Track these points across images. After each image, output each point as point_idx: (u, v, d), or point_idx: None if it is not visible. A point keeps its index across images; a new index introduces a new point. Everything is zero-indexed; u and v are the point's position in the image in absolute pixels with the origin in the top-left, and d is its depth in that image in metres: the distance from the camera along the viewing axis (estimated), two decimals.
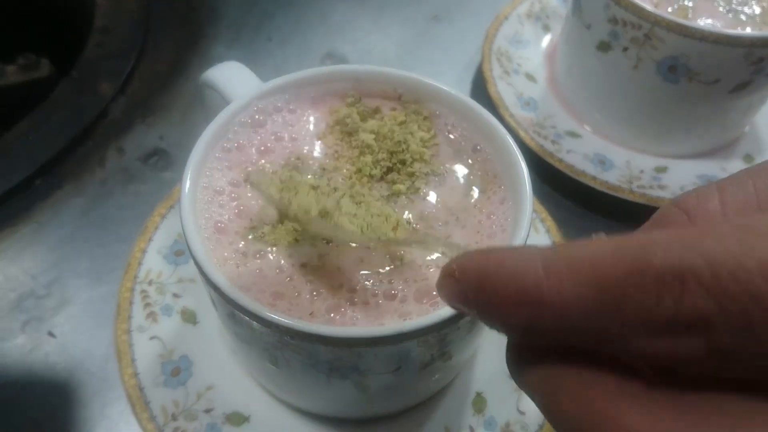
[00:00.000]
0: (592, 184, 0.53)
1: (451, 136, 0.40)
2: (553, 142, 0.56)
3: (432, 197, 0.37)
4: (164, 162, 0.57)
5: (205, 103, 0.46)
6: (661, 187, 0.53)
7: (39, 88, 0.70)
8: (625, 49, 0.51)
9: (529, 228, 0.34)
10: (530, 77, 0.63)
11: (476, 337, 0.38)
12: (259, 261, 0.34)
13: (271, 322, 0.30)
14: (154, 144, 0.58)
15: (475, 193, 0.38)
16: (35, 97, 0.61)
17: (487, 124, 0.39)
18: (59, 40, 0.74)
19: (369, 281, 0.34)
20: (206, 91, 0.44)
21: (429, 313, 0.33)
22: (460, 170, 0.39)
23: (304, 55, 0.67)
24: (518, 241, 0.34)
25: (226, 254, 0.34)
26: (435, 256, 0.35)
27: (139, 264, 0.45)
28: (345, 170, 0.38)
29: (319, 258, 0.34)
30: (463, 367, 0.43)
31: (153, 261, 0.46)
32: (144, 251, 0.46)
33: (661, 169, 0.55)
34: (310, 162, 0.39)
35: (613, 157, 0.56)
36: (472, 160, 0.39)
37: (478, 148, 0.40)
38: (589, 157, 0.55)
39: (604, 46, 0.53)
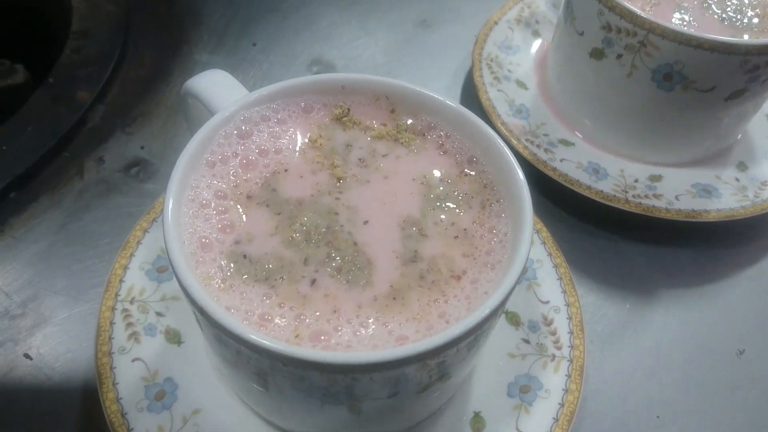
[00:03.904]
0: (586, 193, 0.52)
1: (448, 145, 0.39)
2: (546, 150, 0.55)
3: (427, 211, 0.36)
4: (146, 173, 0.55)
5: (188, 113, 0.44)
6: (657, 197, 0.52)
7: (14, 94, 0.68)
8: (619, 56, 0.50)
9: (530, 245, 0.33)
10: (521, 84, 0.61)
11: (475, 356, 0.37)
12: (245, 280, 0.32)
13: (262, 348, 0.28)
14: (134, 154, 0.56)
15: (475, 206, 0.36)
16: (10, 104, 0.59)
17: (484, 135, 0.38)
18: (35, 45, 0.72)
19: (360, 307, 0.32)
20: (189, 101, 0.42)
21: (424, 337, 0.31)
22: (458, 184, 0.38)
23: (290, 61, 0.66)
24: (519, 260, 0.32)
25: (211, 272, 0.33)
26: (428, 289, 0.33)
27: (121, 281, 0.43)
28: (327, 192, 0.37)
29: (310, 282, 0.33)
30: (461, 386, 0.41)
31: (135, 278, 0.44)
32: (125, 267, 0.44)
33: (656, 178, 0.54)
34: (289, 182, 0.37)
35: (606, 165, 0.55)
36: (468, 172, 0.38)
37: (474, 159, 0.39)
38: (582, 166, 0.54)
39: (597, 53, 0.52)
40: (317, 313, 0.32)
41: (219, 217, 0.35)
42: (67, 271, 0.48)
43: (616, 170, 0.55)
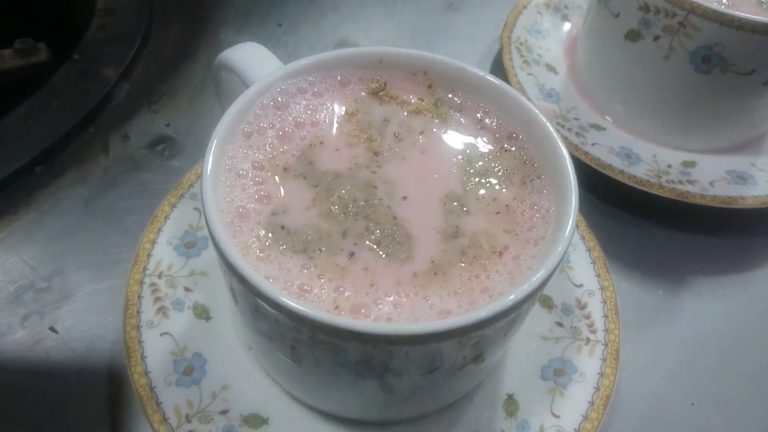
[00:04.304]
0: (619, 178, 0.51)
1: (487, 121, 0.38)
2: (577, 134, 0.54)
3: (468, 187, 0.35)
4: (171, 150, 0.54)
5: (219, 87, 0.43)
6: (691, 182, 0.51)
7: (36, 73, 0.67)
8: (657, 38, 0.49)
9: (576, 221, 0.32)
10: (551, 68, 0.60)
11: (511, 338, 0.36)
12: (283, 251, 0.32)
13: (305, 316, 0.28)
14: (160, 131, 0.55)
15: (515, 183, 0.36)
16: (32, 82, 0.59)
17: (525, 110, 0.37)
18: (58, 23, 0.71)
19: (399, 281, 0.31)
20: (222, 73, 0.42)
21: (466, 311, 0.30)
22: (498, 160, 0.37)
23: (316, 43, 0.65)
24: (564, 234, 0.31)
25: (248, 241, 0.32)
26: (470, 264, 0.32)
27: (149, 255, 0.43)
28: (364, 166, 0.36)
29: (349, 255, 0.32)
30: (493, 368, 0.40)
31: (163, 252, 0.43)
32: (154, 242, 0.43)
33: (689, 164, 0.53)
34: (326, 154, 0.36)
35: (639, 150, 0.54)
36: (508, 148, 0.37)
37: (514, 135, 0.38)
38: (614, 151, 0.53)
39: (633, 35, 0.51)
40: (356, 286, 0.31)
41: (256, 188, 0.34)
42: (92, 246, 0.47)
43: (649, 155, 0.54)
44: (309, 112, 0.38)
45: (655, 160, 0.53)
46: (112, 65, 0.58)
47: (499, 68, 0.61)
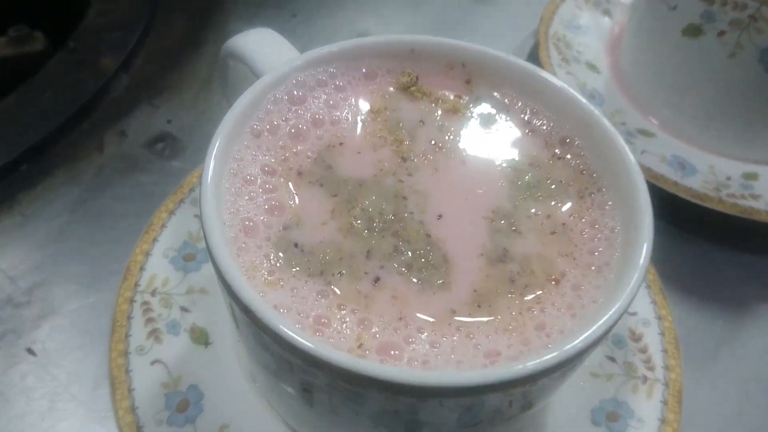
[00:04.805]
0: (673, 190, 0.45)
1: (536, 123, 0.33)
2: (625, 141, 0.48)
3: (518, 202, 0.30)
4: (172, 149, 0.49)
5: (226, 78, 0.38)
6: (754, 197, 0.46)
7: (31, 63, 0.62)
8: (721, 33, 0.43)
9: (652, 243, 0.26)
10: (592, 66, 0.55)
11: (566, 383, 0.30)
12: (295, 273, 0.26)
13: (324, 362, 0.22)
14: (160, 128, 0.51)
15: (571, 196, 0.30)
16: (27, 73, 0.54)
17: (582, 110, 0.32)
18: (56, 10, 0.67)
19: (435, 313, 0.26)
20: (230, 63, 0.37)
21: (520, 353, 0.25)
22: (550, 169, 0.31)
23: (333, 36, 0.60)
24: (638, 262, 0.26)
25: (255, 261, 0.27)
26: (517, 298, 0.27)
27: (141, 269, 0.38)
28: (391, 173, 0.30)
29: (374, 281, 0.27)
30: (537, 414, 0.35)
31: (158, 266, 0.38)
32: (147, 254, 0.38)
33: (751, 176, 0.47)
34: (346, 157, 0.31)
35: (693, 160, 0.48)
36: (561, 156, 0.32)
37: (568, 140, 0.32)
38: (666, 160, 0.48)
39: (692, 30, 0.45)
40: (384, 319, 0.26)
41: (266, 197, 0.29)
42: (81, 255, 0.43)
43: (705, 166, 0.48)
44: (328, 108, 0.32)
45: (712, 171, 0.48)
46: (111, 55, 0.53)
47: (535, 65, 0.55)
